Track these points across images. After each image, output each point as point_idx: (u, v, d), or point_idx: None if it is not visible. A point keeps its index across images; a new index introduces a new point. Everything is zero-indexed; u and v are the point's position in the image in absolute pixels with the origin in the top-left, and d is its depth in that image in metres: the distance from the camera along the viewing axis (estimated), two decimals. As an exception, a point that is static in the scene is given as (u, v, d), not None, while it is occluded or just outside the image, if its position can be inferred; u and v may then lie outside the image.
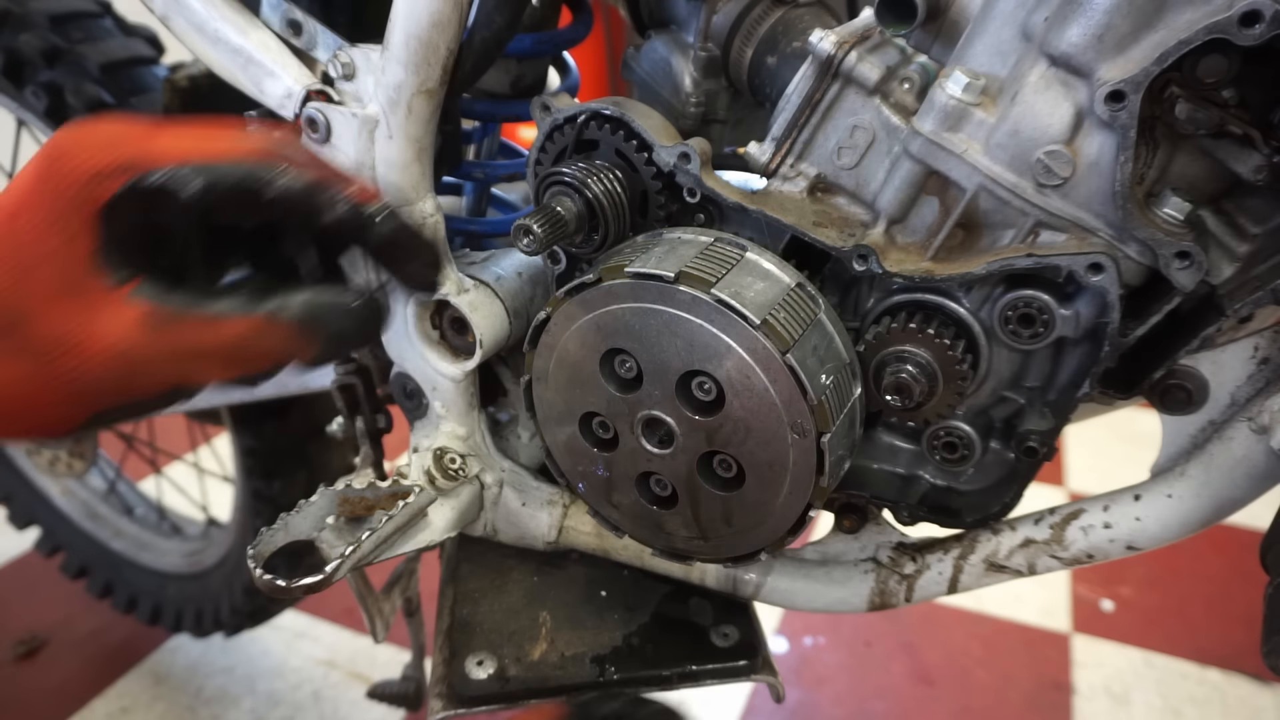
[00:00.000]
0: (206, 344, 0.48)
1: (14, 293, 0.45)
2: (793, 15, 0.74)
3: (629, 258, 0.61)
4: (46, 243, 0.46)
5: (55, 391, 0.46)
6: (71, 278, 0.46)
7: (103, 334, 0.46)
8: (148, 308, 0.47)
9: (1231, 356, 0.63)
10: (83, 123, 0.48)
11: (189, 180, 0.47)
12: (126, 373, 0.47)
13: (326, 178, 0.52)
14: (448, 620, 0.82)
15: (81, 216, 0.46)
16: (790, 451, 0.60)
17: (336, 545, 0.66)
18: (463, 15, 0.66)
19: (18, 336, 0.45)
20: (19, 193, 0.47)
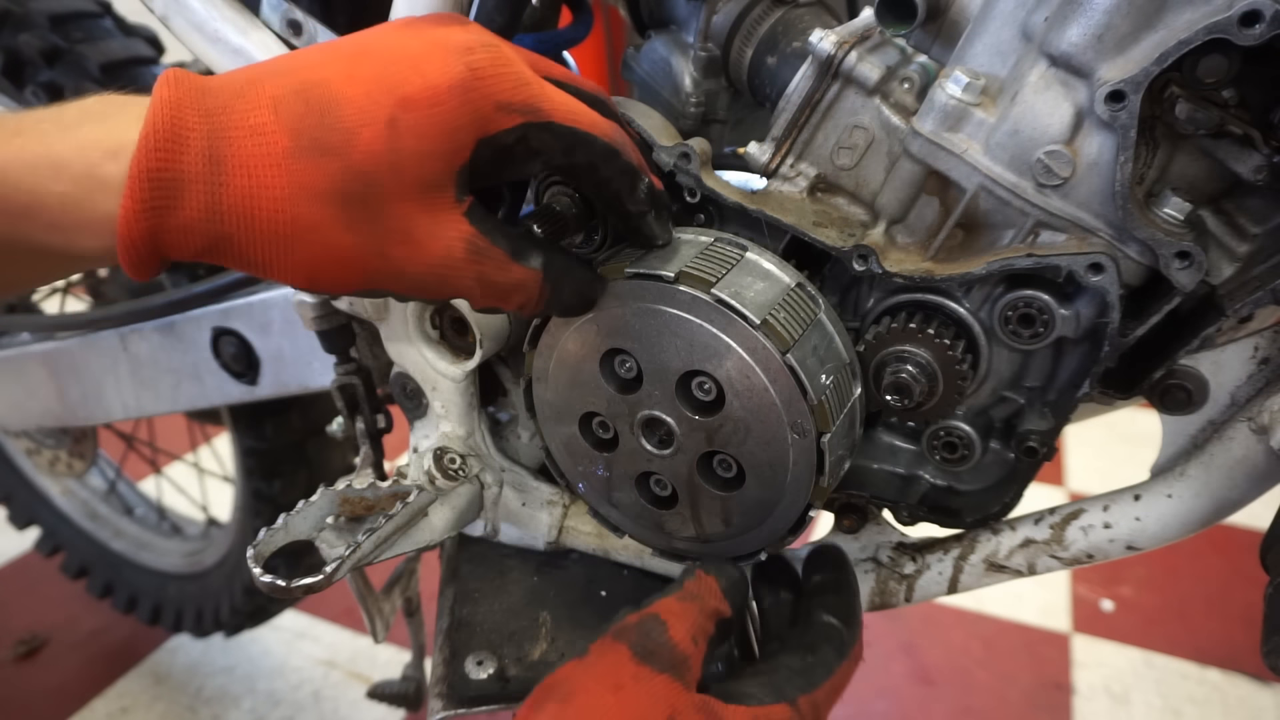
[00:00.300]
0: (495, 279, 0.52)
1: (383, 173, 0.47)
2: (793, 15, 0.74)
3: (629, 258, 0.61)
4: (435, 144, 0.48)
5: (369, 268, 0.49)
6: (437, 182, 0.48)
7: (438, 240, 0.49)
8: (471, 232, 0.50)
9: (1231, 356, 0.63)
10: (491, 47, 0.51)
11: (565, 139, 0.51)
12: (439, 279, 0.51)
13: (643, 164, 0.57)
14: (448, 620, 0.82)
15: (473, 134, 0.49)
16: (790, 451, 0.60)
17: (336, 545, 0.66)
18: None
19: (364, 211, 0.47)
20: (416, 88, 0.47)
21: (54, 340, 1.30)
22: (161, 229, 0.45)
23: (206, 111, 0.45)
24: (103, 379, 1.22)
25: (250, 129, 0.45)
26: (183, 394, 1.16)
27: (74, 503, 1.80)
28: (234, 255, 0.47)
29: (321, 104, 0.46)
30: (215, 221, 0.45)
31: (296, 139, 0.46)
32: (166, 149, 0.44)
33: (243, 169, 0.45)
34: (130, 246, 0.44)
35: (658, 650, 0.51)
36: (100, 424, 1.60)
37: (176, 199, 0.44)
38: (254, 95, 0.47)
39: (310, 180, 0.46)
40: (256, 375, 1.06)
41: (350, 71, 0.48)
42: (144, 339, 1.14)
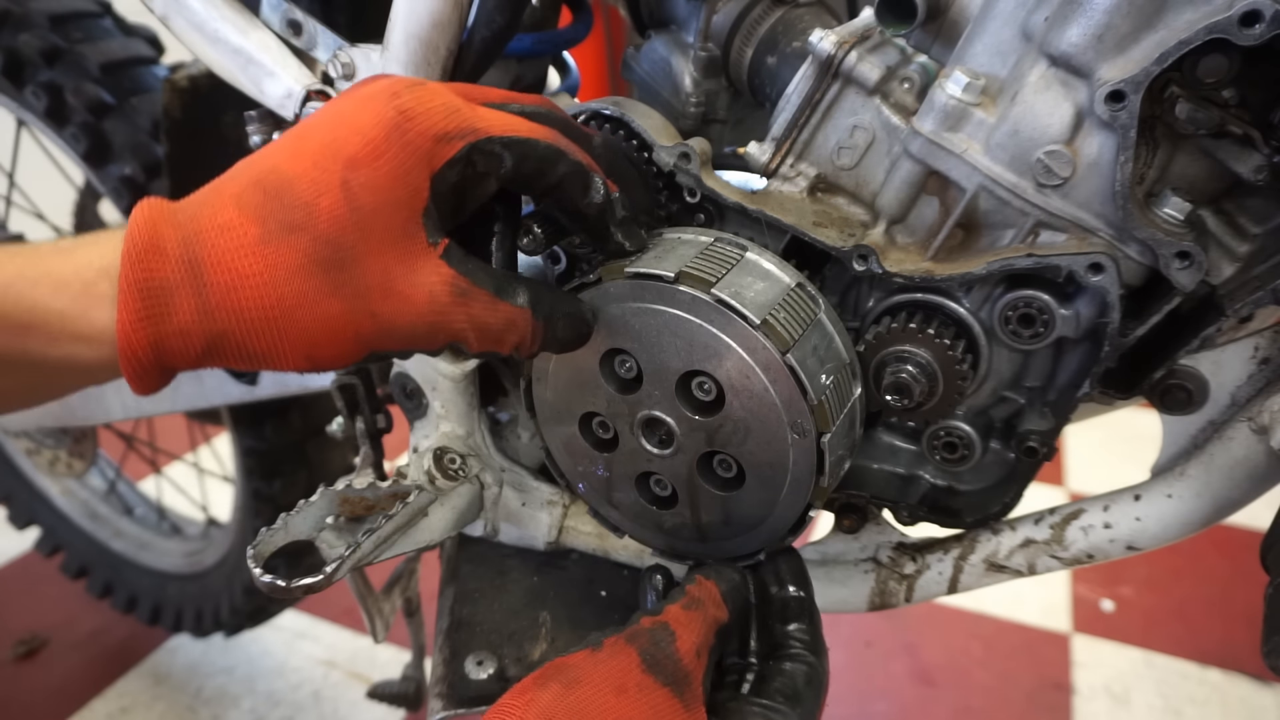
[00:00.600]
0: (486, 320, 0.52)
1: (351, 234, 0.48)
2: (793, 15, 0.74)
3: (629, 258, 0.61)
4: (391, 194, 0.49)
5: (361, 330, 0.50)
6: (404, 230, 0.49)
7: (420, 288, 0.50)
8: (452, 274, 0.51)
9: (1232, 356, 0.63)
10: (416, 86, 0.52)
11: (509, 150, 0.52)
12: (430, 327, 0.51)
13: (592, 164, 0.56)
14: (448, 620, 0.82)
15: (424, 173, 0.50)
16: (790, 452, 0.60)
17: (336, 545, 0.66)
18: (463, 15, 0.66)
19: (342, 276, 0.48)
20: (356, 146, 0.49)
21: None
22: (160, 337, 0.47)
23: (178, 223, 0.48)
24: (103, 379, 1.22)
25: (220, 227, 0.48)
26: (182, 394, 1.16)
27: (74, 503, 1.80)
28: (233, 351, 0.49)
29: (277, 187, 0.49)
30: (208, 320, 0.47)
31: (263, 225, 0.48)
32: (148, 259, 0.46)
33: (221, 265, 0.47)
34: (132, 357, 0.47)
35: (664, 662, 0.53)
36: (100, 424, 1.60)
37: (167, 306, 0.46)
38: (217, 198, 0.49)
39: (285, 259, 0.48)
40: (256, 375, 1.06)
41: (295, 150, 0.50)
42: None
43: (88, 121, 1.25)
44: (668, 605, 0.57)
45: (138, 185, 1.25)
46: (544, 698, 0.50)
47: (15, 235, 1.75)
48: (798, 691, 0.56)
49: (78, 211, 1.77)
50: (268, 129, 0.81)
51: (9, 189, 1.70)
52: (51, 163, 1.54)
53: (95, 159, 1.26)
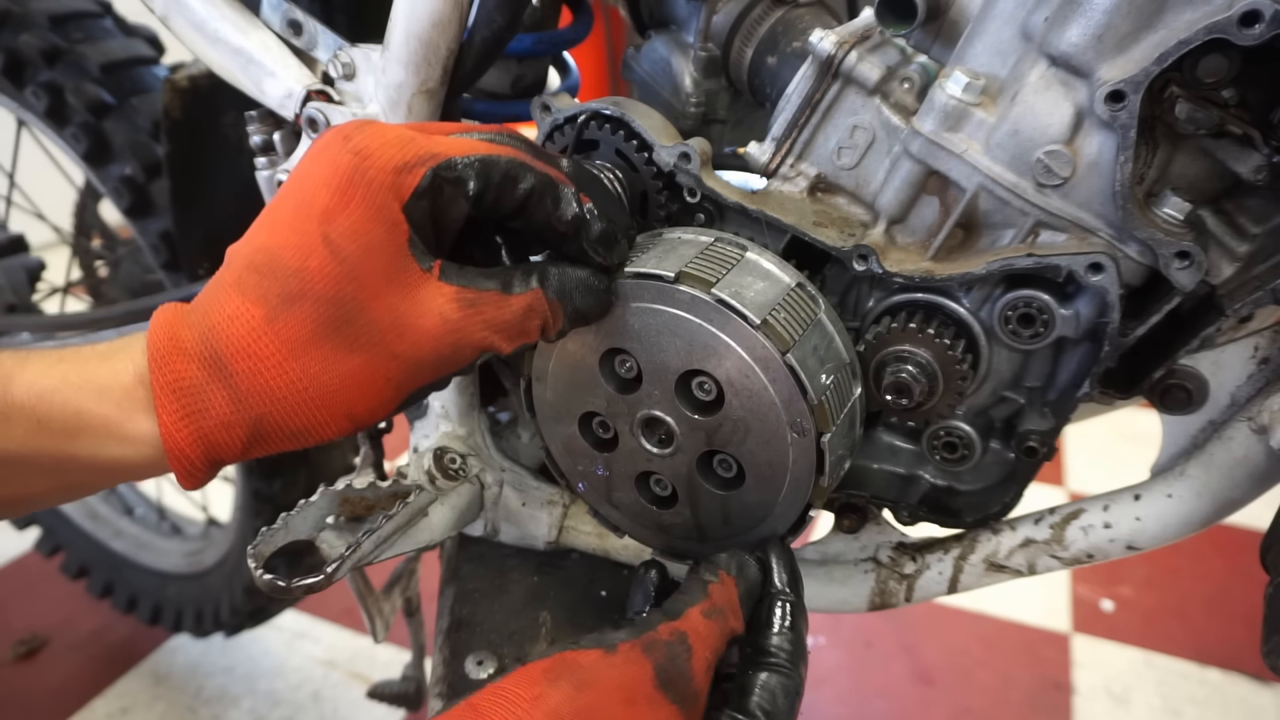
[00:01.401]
0: (503, 318, 0.53)
1: (347, 288, 0.49)
2: (793, 15, 0.74)
3: (629, 258, 0.61)
4: (371, 235, 0.49)
5: (390, 374, 0.51)
6: (395, 265, 0.50)
7: (428, 315, 0.51)
8: (454, 290, 0.52)
9: (1231, 356, 0.63)
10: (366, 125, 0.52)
11: (472, 169, 0.52)
12: (452, 347, 0.52)
13: (560, 176, 0.56)
14: (448, 620, 0.82)
15: (395, 207, 0.50)
16: (790, 451, 0.60)
17: (336, 545, 0.66)
18: (463, 15, 0.66)
19: (352, 329, 0.50)
20: (325, 198, 0.50)
21: (54, 340, 1.30)
22: (203, 433, 0.49)
23: (192, 321, 0.50)
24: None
25: (229, 317, 0.49)
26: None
27: (74, 503, 1.80)
28: (278, 434, 0.50)
29: (267, 263, 0.50)
30: (244, 407, 0.49)
31: (265, 304, 0.49)
32: (172, 361, 0.49)
33: (240, 353, 0.49)
34: (180, 456, 0.49)
35: (678, 680, 0.52)
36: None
37: (203, 402, 0.49)
38: (220, 290, 0.51)
39: (295, 330, 0.49)
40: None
41: (273, 223, 0.51)
42: (144, 339, 1.14)
43: (88, 121, 1.25)
44: (689, 608, 0.56)
45: (138, 185, 1.25)
46: (553, 697, 0.49)
47: (16, 236, 1.75)
48: (776, 707, 0.55)
49: (78, 211, 1.77)
50: (268, 129, 0.81)
51: (9, 189, 1.70)
52: (51, 163, 1.54)
53: (95, 159, 1.26)
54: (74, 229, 1.77)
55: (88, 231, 1.78)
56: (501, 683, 0.50)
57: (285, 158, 0.81)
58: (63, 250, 1.77)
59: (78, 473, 0.51)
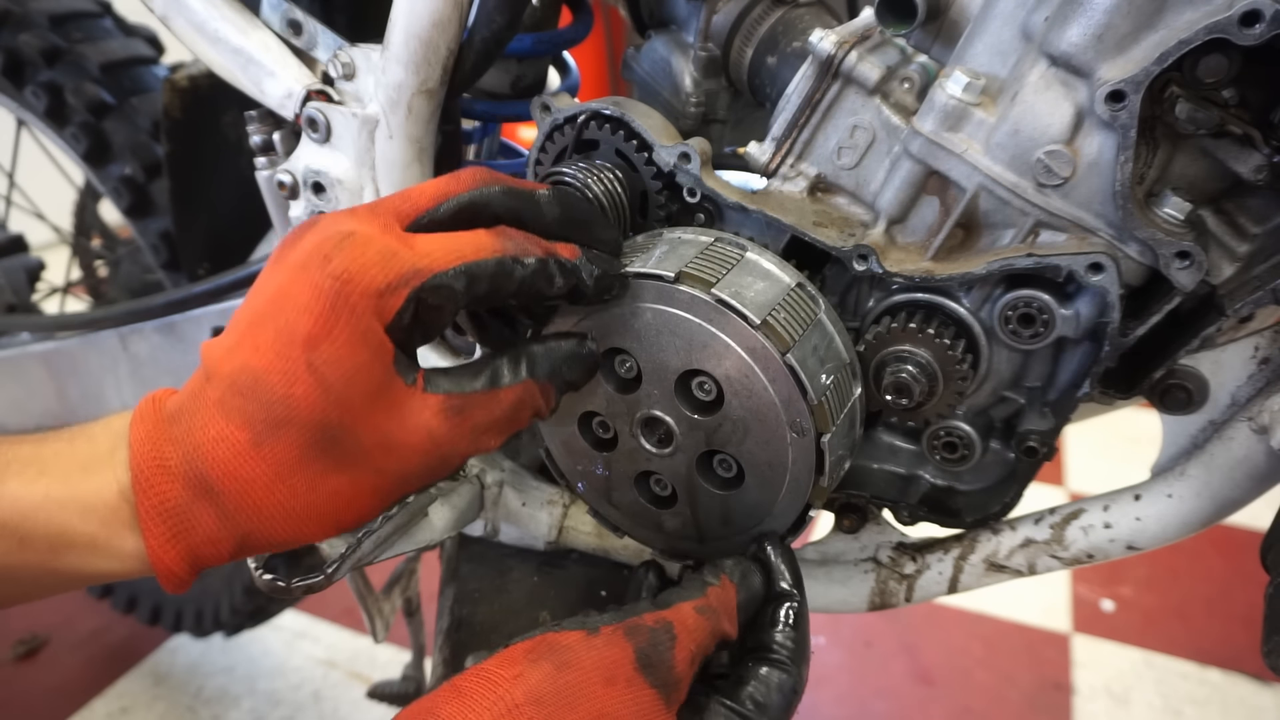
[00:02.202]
0: (492, 417, 0.54)
1: (333, 412, 0.49)
2: (793, 15, 0.74)
3: (629, 258, 0.61)
4: (355, 360, 0.50)
5: (377, 487, 0.52)
6: (380, 385, 0.50)
7: (414, 431, 0.51)
8: (441, 398, 0.52)
9: (1232, 356, 0.63)
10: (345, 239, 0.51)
11: (456, 282, 0.52)
12: (440, 459, 0.53)
13: (549, 250, 0.56)
14: (448, 620, 0.82)
15: (378, 330, 0.50)
16: (789, 451, 0.60)
17: (336, 545, 0.65)
18: (463, 15, 0.66)
19: (339, 450, 0.50)
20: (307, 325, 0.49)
21: (54, 340, 1.30)
22: (192, 549, 0.50)
23: (175, 438, 0.50)
24: (103, 379, 1.22)
25: (214, 439, 0.49)
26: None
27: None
28: (263, 544, 0.51)
29: (250, 388, 0.50)
30: (231, 525, 0.50)
31: (251, 429, 0.49)
32: (157, 483, 0.49)
33: (227, 476, 0.49)
34: (168, 574, 0.50)
35: (658, 665, 0.52)
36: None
37: (189, 522, 0.49)
38: (203, 407, 0.50)
39: (282, 455, 0.49)
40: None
41: (254, 344, 0.51)
42: (144, 339, 1.14)
43: (88, 121, 1.25)
44: (681, 601, 0.56)
45: (138, 185, 1.25)
46: (533, 675, 0.50)
47: (16, 236, 1.75)
48: (769, 700, 0.55)
49: (77, 211, 1.78)
50: (267, 129, 0.81)
51: (9, 189, 1.70)
52: (51, 163, 1.54)
53: (95, 159, 1.27)
54: (74, 229, 1.77)
55: (88, 231, 1.78)
56: (484, 664, 0.51)
57: (285, 157, 0.81)
58: (63, 250, 1.77)
59: (61, 584, 0.51)
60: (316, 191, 0.77)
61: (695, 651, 0.54)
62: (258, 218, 0.92)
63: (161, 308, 1.08)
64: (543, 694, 0.49)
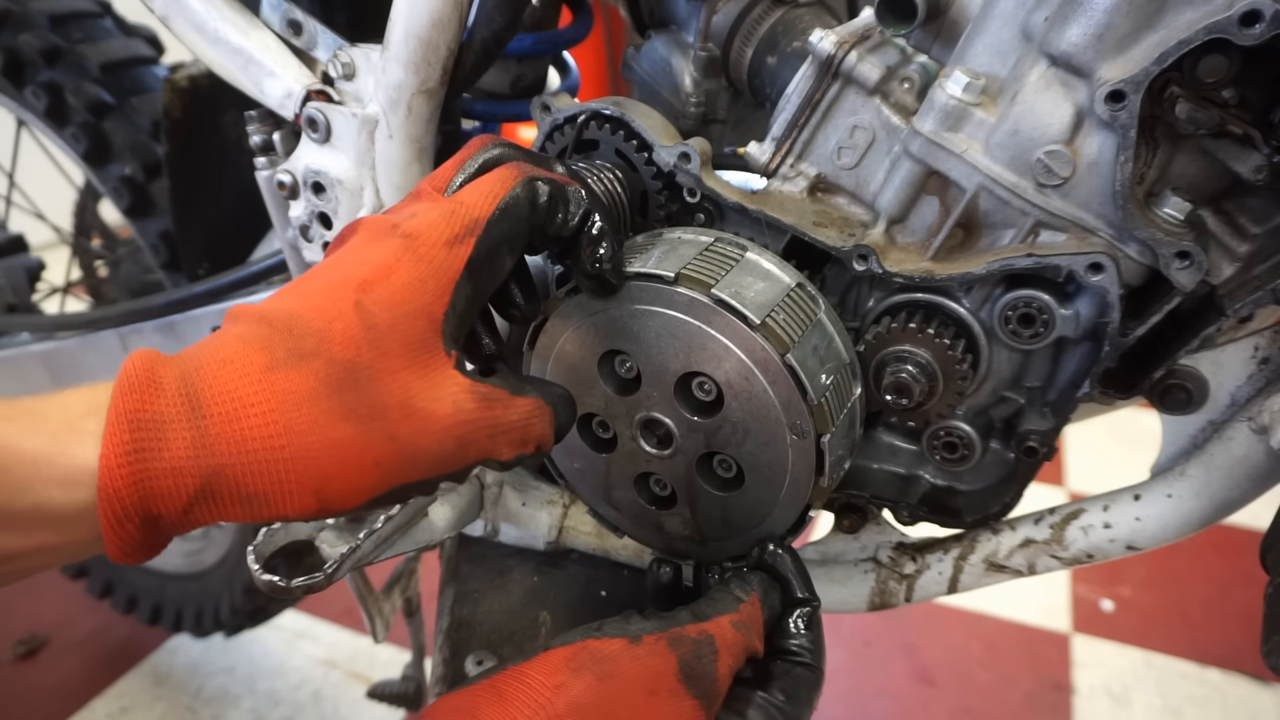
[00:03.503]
0: (510, 421, 0.51)
1: (366, 353, 0.46)
2: (793, 15, 0.74)
3: (629, 258, 0.61)
4: (409, 303, 0.47)
5: (380, 457, 0.45)
6: (423, 341, 0.47)
7: (442, 402, 0.47)
8: (470, 382, 0.49)
9: (1232, 356, 0.63)
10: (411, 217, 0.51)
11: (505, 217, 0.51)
12: (458, 441, 0.48)
13: (564, 178, 0.56)
14: (448, 620, 0.82)
15: (443, 281, 0.49)
16: (789, 453, 0.60)
17: (336, 545, 0.66)
18: (463, 15, 0.66)
19: (358, 395, 0.45)
20: (366, 272, 0.48)
21: (54, 340, 1.30)
22: (146, 475, 0.41)
23: (178, 360, 0.45)
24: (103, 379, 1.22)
25: (221, 360, 0.44)
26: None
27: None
28: (230, 494, 0.43)
29: (286, 321, 0.46)
30: (204, 454, 0.42)
31: (270, 353, 0.44)
32: (142, 391, 0.42)
33: (222, 396, 0.43)
34: (112, 497, 0.41)
35: (703, 677, 0.52)
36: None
37: (159, 439, 0.42)
38: (219, 338, 0.46)
39: (294, 385, 0.44)
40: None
41: (301, 290, 0.49)
42: (144, 339, 1.14)
43: (88, 121, 1.25)
44: (720, 616, 0.55)
45: (138, 185, 1.26)
46: (576, 686, 0.49)
47: (16, 236, 1.75)
48: (799, 695, 0.56)
49: (78, 211, 1.78)
50: (268, 129, 0.81)
51: (9, 189, 1.70)
52: (51, 163, 1.54)
53: (95, 159, 1.27)
54: (74, 229, 1.77)
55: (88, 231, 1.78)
56: (523, 667, 0.50)
57: (285, 157, 0.81)
58: (63, 250, 1.77)
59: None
60: (316, 191, 0.77)
61: (734, 666, 0.54)
62: (258, 218, 0.92)
63: (161, 308, 1.08)
64: (585, 704, 0.48)
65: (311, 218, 0.79)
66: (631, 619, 0.54)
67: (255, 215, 0.90)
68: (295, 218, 0.81)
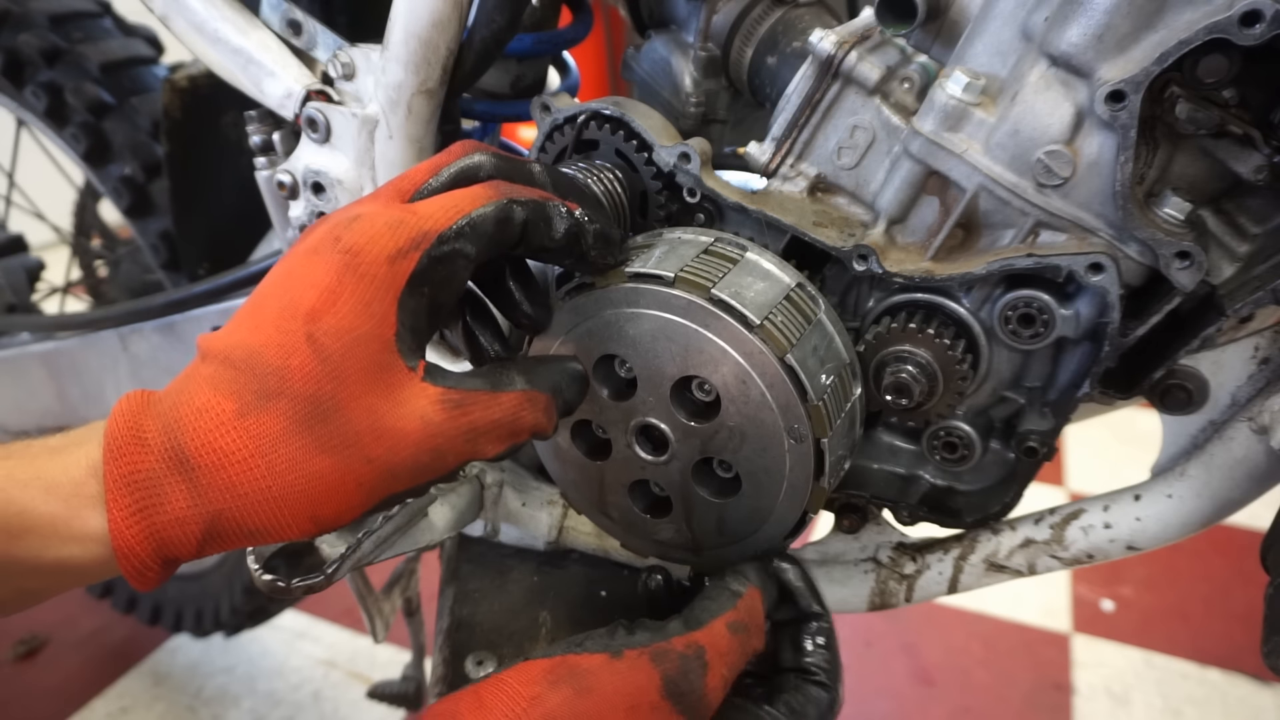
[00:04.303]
0: (491, 420, 0.51)
1: (327, 385, 0.47)
2: (793, 15, 0.74)
3: (628, 259, 0.61)
4: (357, 331, 0.48)
5: (362, 478, 0.48)
6: (379, 363, 0.48)
7: (409, 419, 0.48)
8: (440, 390, 0.49)
9: (1232, 356, 0.63)
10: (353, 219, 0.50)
11: (462, 237, 0.50)
12: (432, 453, 0.49)
13: (546, 195, 0.55)
14: (448, 620, 0.82)
15: (386, 300, 0.48)
16: (786, 458, 0.60)
17: (336, 545, 0.65)
18: (463, 15, 0.66)
19: (328, 428, 0.47)
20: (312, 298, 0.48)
21: (54, 340, 1.30)
22: (156, 528, 0.45)
23: (158, 413, 0.47)
24: (103, 379, 1.22)
25: (197, 410, 0.47)
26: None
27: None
28: (234, 530, 0.47)
29: (246, 360, 0.48)
30: (202, 502, 0.46)
31: (239, 399, 0.47)
32: (129, 452, 0.45)
33: (205, 448, 0.46)
34: (129, 553, 0.45)
35: (688, 695, 0.51)
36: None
37: (158, 496, 0.45)
38: (191, 384, 0.48)
39: (266, 428, 0.46)
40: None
41: (255, 321, 0.49)
42: (144, 339, 1.14)
43: (88, 121, 1.25)
44: (715, 619, 0.54)
45: (138, 185, 1.25)
46: (552, 700, 0.49)
47: (16, 236, 1.75)
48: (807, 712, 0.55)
49: (77, 211, 1.78)
50: (267, 129, 0.81)
51: (9, 189, 1.70)
52: (51, 163, 1.54)
53: (95, 159, 1.27)
54: (74, 229, 1.77)
55: (87, 231, 1.78)
56: (503, 675, 0.50)
57: (285, 157, 0.81)
58: (63, 250, 1.77)
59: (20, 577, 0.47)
60: (316, 191, 0.77)
61: (728, 675, 0.54)
62: (258, 218, 0.92)
63: (161, 308, 1.08)
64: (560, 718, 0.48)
65: (311, 218, 0.79)
66: (617, 633, 0.53)
67: (255, 215, 0.90)
68: (295, 218, 0.81)
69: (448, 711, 0.48)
